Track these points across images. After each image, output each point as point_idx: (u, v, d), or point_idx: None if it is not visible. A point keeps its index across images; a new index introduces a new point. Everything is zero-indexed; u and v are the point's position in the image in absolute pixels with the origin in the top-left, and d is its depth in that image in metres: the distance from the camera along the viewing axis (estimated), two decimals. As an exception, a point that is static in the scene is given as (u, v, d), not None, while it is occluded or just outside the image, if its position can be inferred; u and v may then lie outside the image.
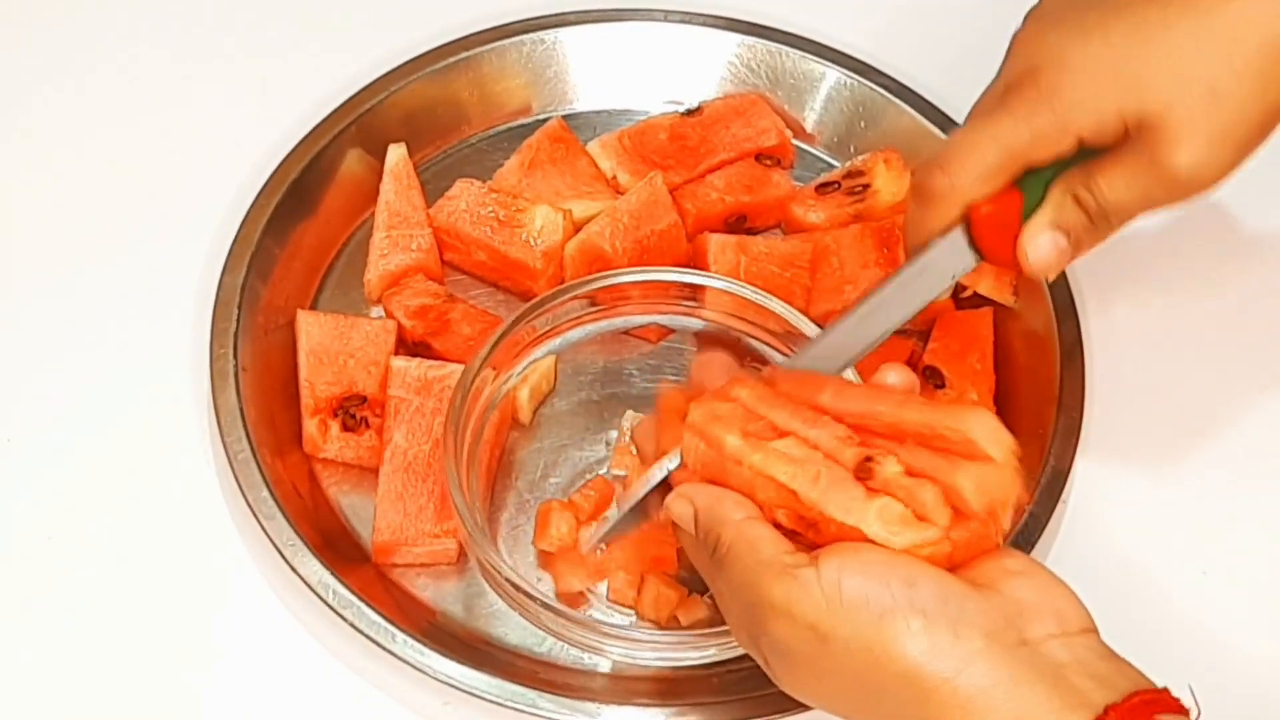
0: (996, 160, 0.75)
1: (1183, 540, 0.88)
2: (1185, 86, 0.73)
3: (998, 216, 0.76)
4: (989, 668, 0.62)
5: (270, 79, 1.01)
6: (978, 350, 0.92)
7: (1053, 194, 0.76)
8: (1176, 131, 0.73)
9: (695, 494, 0.71)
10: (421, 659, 0.80)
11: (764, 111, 1.00)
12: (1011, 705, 0.62)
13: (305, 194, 0.94)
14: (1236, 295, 0.97)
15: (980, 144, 0.76)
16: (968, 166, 0.76)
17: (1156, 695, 0.63)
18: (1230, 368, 0.94)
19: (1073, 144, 0.75)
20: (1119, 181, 0.75)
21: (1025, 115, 0.75)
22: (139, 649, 0.82)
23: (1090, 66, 0.74)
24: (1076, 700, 0.62)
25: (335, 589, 0.81)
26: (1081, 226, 0.77)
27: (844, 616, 0.64)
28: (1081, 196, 0.76)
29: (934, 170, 0.76)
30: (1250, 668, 0.84)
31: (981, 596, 0.65)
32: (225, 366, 0.88)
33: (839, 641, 0.64)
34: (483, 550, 0.79)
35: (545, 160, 0.97)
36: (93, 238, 0.95)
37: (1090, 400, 0.89)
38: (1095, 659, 0.64)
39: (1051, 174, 0.76)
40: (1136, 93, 0.73)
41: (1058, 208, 0.76)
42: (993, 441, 0.66)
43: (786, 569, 0.66)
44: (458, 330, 0.91)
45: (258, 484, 0.84)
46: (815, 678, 0.67)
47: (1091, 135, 0.74)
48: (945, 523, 0.66)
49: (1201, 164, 0.74)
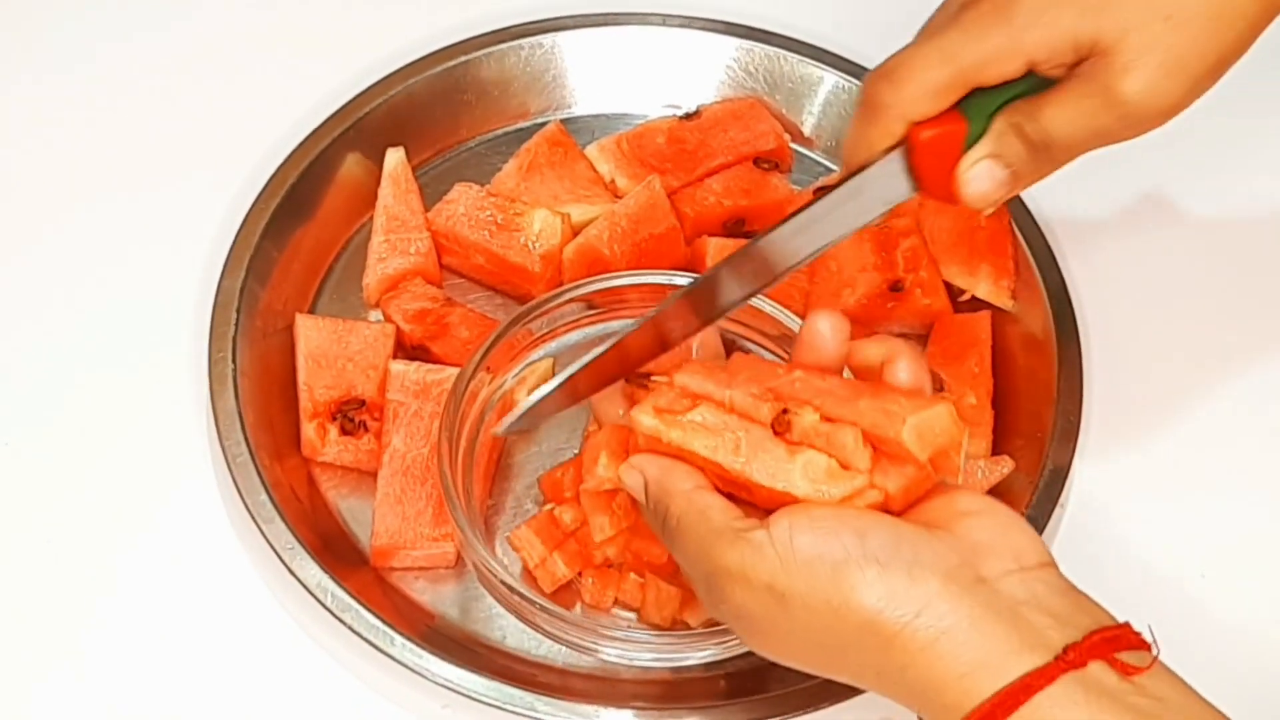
0: (944, 76, 0.73)
1: (1181, 542, 0.88)
2: (1142, 9, 0.71)
3: (939, 143, 0.74)
4: (948, 609, 0.63)
5: (269, 82, 1.01)
6: (976, 353, 0.92)
7: (995, 124, 0.74)
8: (1129, 57, 0.71)
9: (645, 465, 0.71)
10: (420, 662, 0.80)
11: (762, 115, 1.00)
12: (971, 646, 0.62)
13: (304, 198, 0.94)
14: (1234, 296, 0.97)
15: (929, 58, 0.73)
16: (914, 80, 0.73)
17: (1117, 632, 0.63)
18: (1228, 370, 0.94)
19: (1023, 64, 0.72)
20: (1066, 109, 0.73)
21: (977, 32, 0.72)
22: (138, 651, 0.82)
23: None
24: (1036, 640, 0.62)
25: (334, 592, 0.81)
26: (1022, 158, 0.74)
27: (799, 574, 0.64)
28: (1025, 126, 0.73)
29: (879, 82, 0.74)
30: (1250, 668, 0.84)
31: (935, 538, 0.65)
32: (224, 370, 0.88)
33: (797, 599, 0.64)
34: (478, 554, 0.79)
35: (543, 164, 0.97)
36: (91, 240, 0.95)
37: (1088, 402, 0.90)
38: (1054, 595, 0.64)
39: (998, 105, 0.74)
40: (1092, 15, 0.71)
41: (998, 136, 0.74)
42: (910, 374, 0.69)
43: (738, 534, 0.66)
44: (456, 334, 0.91)
45: (256, 487, 0.84)
46: (780, 638, 0.67)
47: (1043, 57, 0.72)
48: (866, 465, 0.67)
49: (1152, 92, 0.71)
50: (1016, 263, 0.94)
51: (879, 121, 0.74)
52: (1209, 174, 1.00)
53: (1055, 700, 0.60)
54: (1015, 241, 0.94)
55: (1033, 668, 0.61)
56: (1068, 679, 0.61)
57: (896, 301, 0.93)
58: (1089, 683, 0.61)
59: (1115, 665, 0.62)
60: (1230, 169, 1.01)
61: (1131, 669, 0.62)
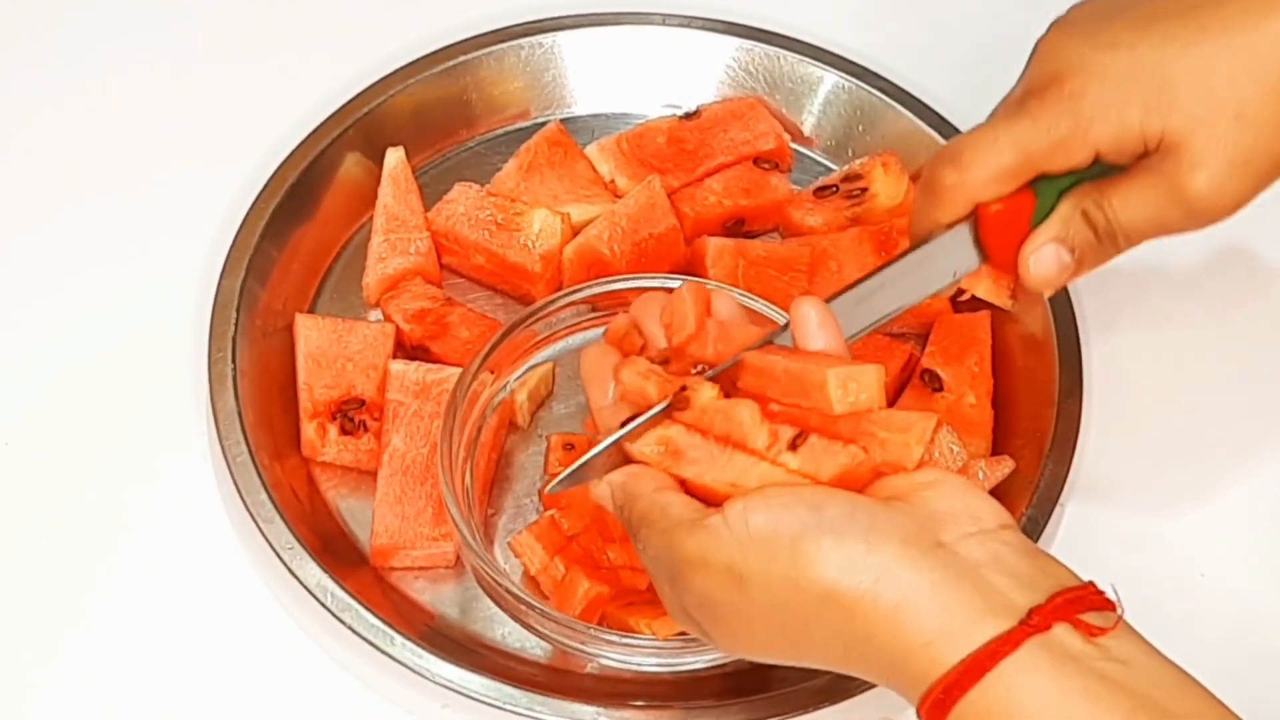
0: (1011, 162, 0.74)
1: (1181, 542, 0.88)
2: (1211, 106, 0.71)
3: (1007, 216, 0.75)
4: (907, 574, 0.62)
5: (268, 82, 1.01)
6: (976, 353, 0.92)
7: (1062, 207, 0.75)
8: (1197, 152, 0.72)
9: (612, 474, 0.71)
10: (419, 662, 0.80)
11: (762, 115, 1.00)
12: (934, 612, 0.62)
13: (304, 197, 0.94)
14: (1235, 297, 0.97)
15: (996, 143, 0.74)
16: (981, 164, 0.74)
17: (1080, 592, 0.63)
18: (1229, 370, 0.94)
19: (1090, 155, 0.73)
20: (1132, 200, 0.74)
21: (1045, 121, 0.73)
22: (137, 651, 0.82)
23: (1115, 77, 0.72)
24: (999, 603, 0.62)
25: (333, 592, 0.81)
26: (1087, 243, 0.75)
27: (757, 552, 0.64)
28: (1091, 213, 0.75)
29: (945, 164, 0.75)
30: (1250, 668, 0.84)
31: (892, 508, 0.65)
32: (223, 370, 0.88)
33: (756, 578, 0.64)
34: (477, 556, 0.79)
35: (543, 164, 0.97)
36: (91, 239, 0.95)
37: (1088, 402, 0.90)
38: (1015, 555, 0.64)
39: (1066, 186, 0.75)
40: (1160, 108, 0.72)
41: (1065, 221, 0.75)
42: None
43: (695, 523, 0.66)
44: (456, 334, 0.91)
45: (256, 487, 0.84)
46: (744, 624, 0.66)
47: (1110, 148, 0.73)
48: (764, 442, 0.67)
49: (1219, 188, 0.72)
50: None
51: (943, 203, 0.75)
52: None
53: (1020, 666, 0.60)
54: (1015, 242, 0.94)
55: (997, 633, 0.61)
56: (1032, 643, 0.60)
57: (896, 301, 0.93)
58: (1054, 647, 0.61)
59: (1080, 627, 0.61)
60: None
61: (1096, 630, 0.61)
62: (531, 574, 0.84)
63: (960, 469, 0.86)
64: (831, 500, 0.65)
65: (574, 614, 0.79)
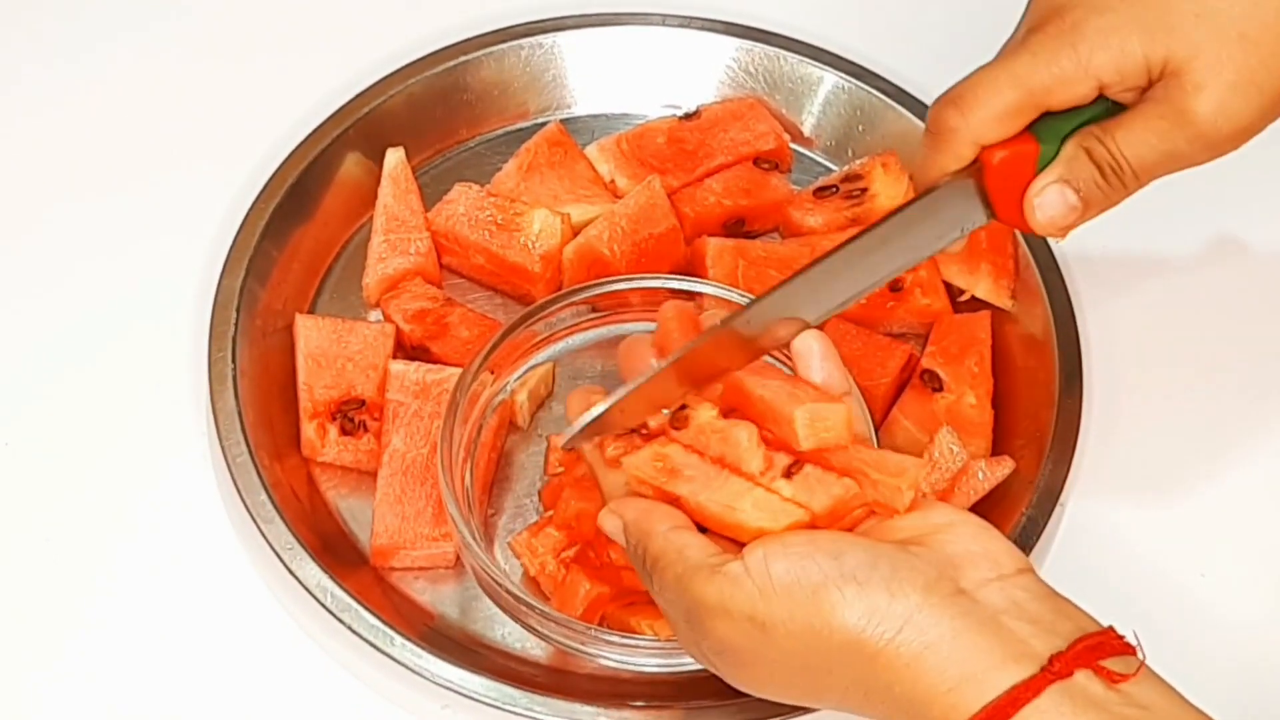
0: (1014, 100, 0.72)
1: (1181, 542, 0.88)
2: (1212, 29, 0.70)
3: (1011, 164, 0.74)
4: (930, 622, 0.63)
5: (268, 82, 1.01)
6: (976, 354, 0.92)
7: (1066, 148, 0.73)
8: (1201, 76, 0.71)
9: (624, 508, 0.71)
10: (419, 662, 0.80)
11: (762, 115, 1.00)
12: (955, 660, 0.62)
13: (304, 197, 0.94)
14: (1235, 298, 0.97)
15: (998, 82, 0.73)
16: (983, 104, 0.73)
17: (1101, 638, 0.63)
18: (1229, 370, 0.94)
19: (1092, 88, 0.72)
20: (1136, 131, 0.72)
21: (1046, 55, 0.72)
22: (137, 651, 0.82)
23: (1115, 7, 0.71)
24: (1020, 650, 0.62)
25: (333, 592, 0.81)
26: (1094, 182, 0.73)
27: (779, 601, 0.64)
28: (1096, 150, 0.73)
29: (948, 107, 0.74)
30: (1250, 668, 0.84)
31: (911, 554, 0.65)
32: (223, 370, 0.88)
33: (779, 627, 0.64)
34: (477, 556, 0.79)
35: (543, 164, 0.97)
36: (91, 239, 0.95)
37: (1088, 402, 0.90)
38: (1034, 601, 0.64)
39: (1070, 128, 0.74)
40: (1162, 35, 0.71)
41: (1070, 161, 0.73)
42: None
43: (714, 569, 0.66)
44: (456, 334, 0.91)
45: (256, 487, 0.84)
46: (765, 669, 0.67)
47: (1112, 79, 0.72)
48: (759, 466, 0.69)
49: (1224, 110, 0.71)
50: (1016, 263, 0.94)
51: (947, 146, 0.74)
52: (1210, 174, 1.00)
53: (1042, 713, 0.60)
54: (1015, 241, 0.94)
55: (1019, 680, 0.61)
56: (1054, 690, 0.61)
57: (896, 301, 0.93)
58: (1075, 693, 0.61)
59: (1101, 673, 0.61)
60: (1231, 168, 1.00)
61: (1118, 676, 0.61)
62: (531, 574, 0.84)
63: (960, 469, 0.86)
64: (852, 548, 0.65)
65: (575, 614, 0.79)
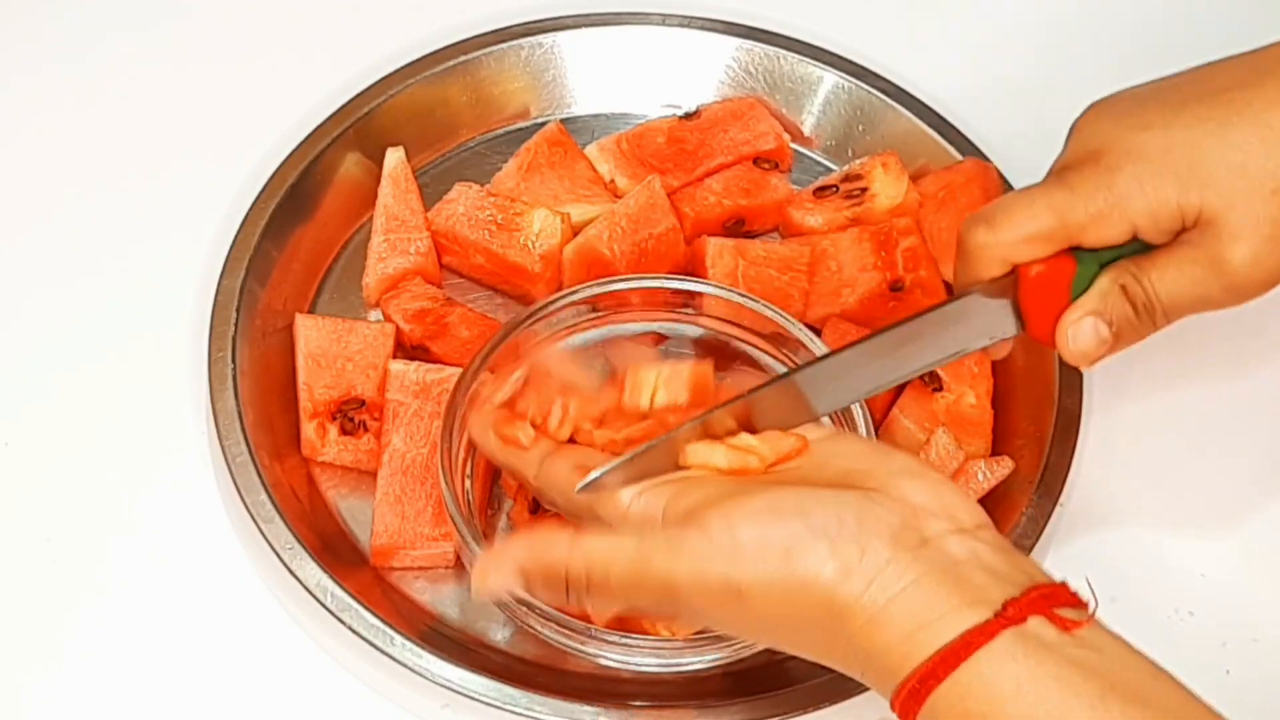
0: (1047, 226, 0.74)
1: (1181, 542, 0.88)
2: (1246, 183, 0.72)
3: (1047, 280, 0.75)
4: (896, 575, 0.64)
5: (268, 82, 1.01)
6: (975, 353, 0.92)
7: (1101, 280, 0.75)
8: (1236, 227, 0.72)
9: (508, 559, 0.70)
10: (419, 662, 0.80)
11: (762, 115, 1.00)
12: (915, 609, 0.63)
13: (303, 197, 0.94)
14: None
15: (1032, 207, 0.74)
16: (1014, 225, 0.74)
17: (1054, 588, 0.64)
18: (1228, 369, 0.94)
19: (1127, 230, 0.74)
20: (1170, 273, 0.74)
21: (1083, 191, 0.73)
22: (137, 651, 0.82)
23: (1151, 155, 0.73)
24: (975, 596, 0.63)
25: (333, 592, 0.81)
26: (1125, 318, 0.75)
27: (751, 567, 0.65)
28: (1130, 287, 0.74)
29: (977, 224, 0.75)
30: (1250, 668, 0.84)
31: (874, 502, 0.66)
32: (223, 370, 0.88)
33: (755, 590, 0.65)
34: (476, 557, 0.79)
35: (543, 164, 0.97)
36: (91, 239, 0.95)
37: (1088, 402, 0.90)
38: (993, 553, 0.65)
39: (1105, 262, 0.75)
40: (1197, 186, 0.72)
41: (1104, 295, 0.75)
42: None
43: (672, 542, 0.67)
44: (456, 334, 0.91)
45: (256, 487, 0.84)
46: (746, 627, 0.69)
47: (1147, 224, 0.73)
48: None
49: (1258, 261, 0.73)
50: (1016, 263, 0.94)
51: (976, 263, 0.75)
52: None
53: (995, 656, 0.61)
54: (1015, 241, 0.94)
55: (973, 624, 0.62)
56: (1008, 634, 0.62)
57: (896, 301, 0.93)
58: (1028, 637, 0.62)
59: (1054, 620, 0.62)
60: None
61: (1070, 623, 0.62)
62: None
63: (959, 469, 0.87)
64: (815, 503, 0.66)
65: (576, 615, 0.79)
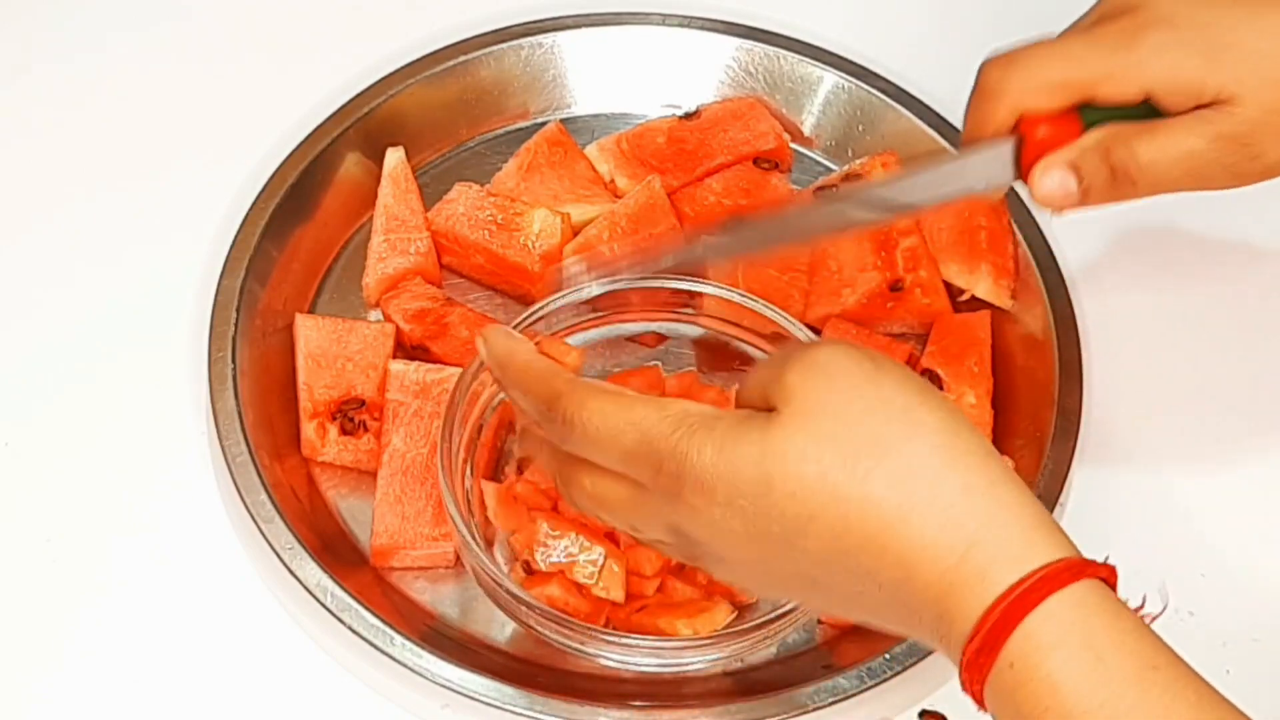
0: (1060, 75, 0.74)
1: (1181, 542, 0.88)
2: (1270, 69, 0.72)
3: (1050, 143, 0.74)
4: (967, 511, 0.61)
5: (269, 82, 1.01)
6: (975, 353, 0.92)
7: (1087, 135, 0.74)
8: (1252, 111, 0.72)
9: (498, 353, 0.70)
10: (419, 662, 0.80)
11: (762, 115, 1.00)
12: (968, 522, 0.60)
13: (303, 197, 0.94)
14: (1234, 298, 0.97)
15: (1051, 55, 0.74)
16: (1031, 71, 0.74)
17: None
18: (1228, 369, 0.94)
19: (1139, 92, 0.73)
20: (1164, 145, 0.73)
21: (1105, 45, 0.73)
22: (138, 651, 0.82)
23: (1180, 25, 0.73)
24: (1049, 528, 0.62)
25: (333, 592, 0.81)
26: (1098, 178, 0.74)
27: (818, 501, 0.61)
28: (1113, 150, 0.74)
29: (995, 65, 0.75)
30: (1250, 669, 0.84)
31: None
32: (223, 370, 0.88)
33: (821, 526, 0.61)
34: (476, 557, 0.79)
35: (543, 164, 0.97)
36: (91, 239, 0.95)
37: (1088, 403, 0.90)
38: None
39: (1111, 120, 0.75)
40: (1219, 65, 0.72)
41: (1083, 150, 0.74)
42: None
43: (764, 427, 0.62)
44: (456, 333, 0.91)
45: (256, 487, 0.84)
46: (787, 587, 0.65)
47: (1163, 91, 0.73)
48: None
49: (1267, 149, 0.73)
50: (1016, 262, 0.94)
51: (988, 105, 0.75)
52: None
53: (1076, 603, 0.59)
54: (1015, 241, 0.94)
55: (1050, 560, 0.59)
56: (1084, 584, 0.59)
57: (896, 301, 0.93)
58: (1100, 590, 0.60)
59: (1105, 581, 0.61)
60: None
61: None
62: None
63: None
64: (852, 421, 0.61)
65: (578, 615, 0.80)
